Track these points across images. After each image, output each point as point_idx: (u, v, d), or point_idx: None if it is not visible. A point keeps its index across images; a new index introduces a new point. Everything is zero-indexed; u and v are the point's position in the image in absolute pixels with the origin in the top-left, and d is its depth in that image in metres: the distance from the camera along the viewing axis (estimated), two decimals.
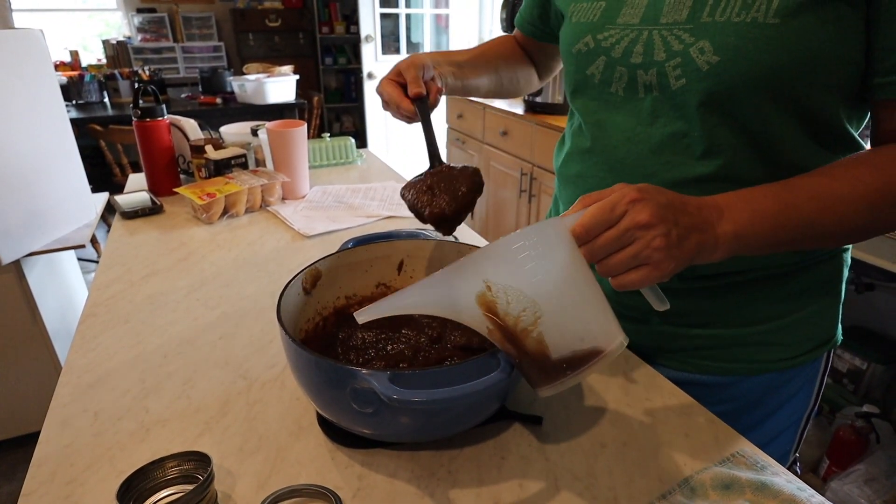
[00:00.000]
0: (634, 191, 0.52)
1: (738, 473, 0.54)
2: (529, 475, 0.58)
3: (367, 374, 0.50)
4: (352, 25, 5.82)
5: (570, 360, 0.50)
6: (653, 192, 0.53)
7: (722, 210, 0.57)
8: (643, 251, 0.51)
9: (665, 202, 0.53)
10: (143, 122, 1.34)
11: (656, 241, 0.51)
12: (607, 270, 0.53)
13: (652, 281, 0.53)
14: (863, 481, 1.66)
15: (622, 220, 0.51)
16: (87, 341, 0.81)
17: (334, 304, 0.76)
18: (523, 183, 2.77)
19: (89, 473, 0.58)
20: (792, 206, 0.58)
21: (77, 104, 4.02)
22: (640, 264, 0.52)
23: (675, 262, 0.53)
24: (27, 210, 1.73)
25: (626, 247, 0.52)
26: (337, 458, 0.60)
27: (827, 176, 0.60)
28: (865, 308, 1.98)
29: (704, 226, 0.55)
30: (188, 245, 1.14)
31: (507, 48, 1.02)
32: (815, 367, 0.80)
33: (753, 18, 0.58)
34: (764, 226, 0.57)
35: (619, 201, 0.52)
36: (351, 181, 1.57)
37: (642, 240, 0.51)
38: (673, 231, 0.52)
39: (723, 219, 0.56)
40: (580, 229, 0.52)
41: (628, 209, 0.51)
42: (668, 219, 0.52)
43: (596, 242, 0.52)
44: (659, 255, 0.51)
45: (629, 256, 0.52)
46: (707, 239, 0.55)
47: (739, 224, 0.56)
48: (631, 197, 0.51)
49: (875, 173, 0.59)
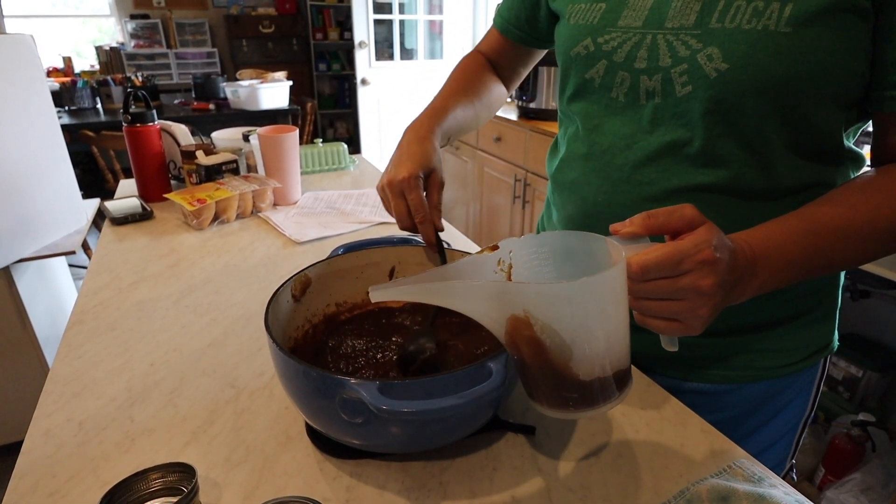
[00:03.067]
0: (710, 249, 0.48)
1: (735, 485, 0.53)
2: (522, 486, 0.57)
3: (356, 384, 0.49)
4: (345, 32, 5.83)
5: (588, 386, 0.48)
6: (722, 252, 0.50)
7: (756, 264, 0.55)
8: (685, 312, 0.50)
9: (727, 266, 0.50)
10: (134, 128, 1.33)
11: (703, 311, 0.50)
12: (642, 309, 0.51)
13: (677, 335, 0.52)
14: (859, 490, 1.65)
15: (684, 278, 0.48)
16: (74, 349, 0.80)
17: (324, 311, 0.75)
18: (517, 189, 2.77)
19: (72, 484, 0.57)
20: (816, 249, 0.58)
21: (69, 110, 4.00)
22: (674, 319, 0.51)
23: (706, 327, 0.51)
24: (17, 216, 1.71)
25: (673, 301, 0.50)
26: (325, 469, 0.59)
27: (847, 207, 0.59)
28: (861, 316, 1.98)
29: (740, 283, 0.53)
30: (178, 251, 1.13)
31: (476, 72, 0.96)
32: (812, 374, 0.80)
33: (765, 26, 0.57)
34: (787, 273, 0.57)
35: (689, 256, 0.48)
36: (343, 187, 1.56)
37: (691, 302, 0.49)
38: (720, 301, 0.51)
39: (755, 274, 0.55)
40: (638, 270, 0.48)
41: (694, 269, 0.48)
42: (726, 287, 0.50)
43: (646, 285, 0.49)
44: (698, 322, 0.50)
45: (670, 311, 0.50)
46: (737, 296, 0.54)
47: (767, 277, 0.56)
48: (703, 258, 0.48)
49: (892, 201, 0.59)
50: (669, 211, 0.50)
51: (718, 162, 0.65)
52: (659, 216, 0.50)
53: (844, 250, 0.59)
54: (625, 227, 0.51)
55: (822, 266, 0.59)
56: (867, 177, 0.63)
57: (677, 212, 0.50)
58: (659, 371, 0.79)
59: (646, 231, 0.50)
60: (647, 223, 0.50)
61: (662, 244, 0.49)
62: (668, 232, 0.51)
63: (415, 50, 4.92)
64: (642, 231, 0.50)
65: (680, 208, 0.50)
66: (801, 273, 0.58)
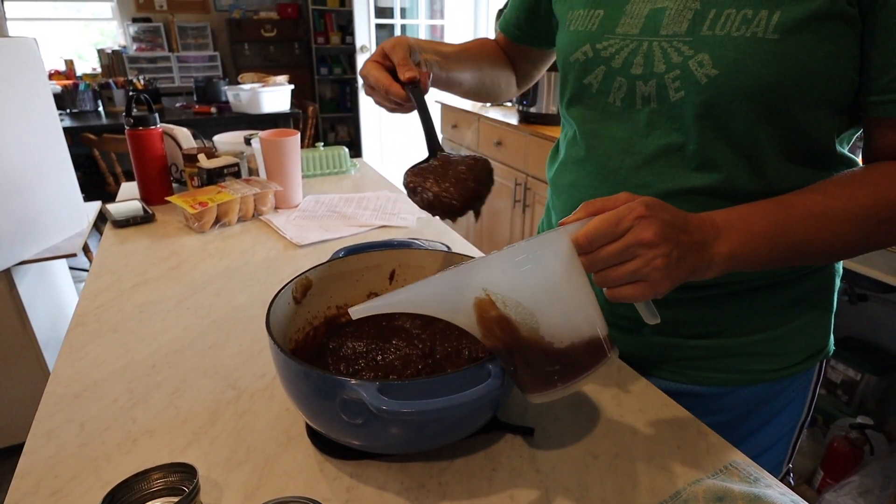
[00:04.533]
0: (641, 206, 0.52)
1: (731, 486, 0.54)
2: (520, 487, 0.57)
3: (357, 385, 0.49)
4: (347, 36, 5.84)
5: (566, 354, 0.51)
6: (658, 209, 0.53)
7: (719, 230, 0.57)
8: (643, 268, 0.52)
9: (669, 220, 0.53)
10: (136, 131, 1.34)
11: (657, 261, 0.51)
12: (604, 282, 0.54)
13: (646, 297, 0.54)
14: (857, 493, 1.65)
15: (626, 236, 0.51)
16: (75, 350, 0.80)
17: (325, 313, 0.75)
18: (517, 193, 2.77)
19: (74, 484, 0.57)
20: (786, 225, 0.59)
21: (71, 113, 4.01)
22: (638, 280, 0.53)
23: (671, 282, 0.53)
24: (18, 218, 1.72)
25: (627, 262, 0.52)
26: (326, 470, 0.59)
27: (822, 193, 0.61)
28: (859, 319, 1.99)
29: (702, 246, 0.55)
30: (179, 254, 1.13)
31: (491, 49, 1.00)
32: (808, 378, 0.80)
33: (753, 33, 0.58)
34: (758, 246, 0.58)
35: (625, 216, 0.51)
36: (344, 190, 1.57)
37: (643, 257, 0.51)
38: (674, 251, 0.52)
39: (719, 239, 0.57)
40: (583, 240, 0.52)
41: (633, 225, 0.51)
42: (671, 238, 0.52)
43: (597, 254, 0.52)
44: (658, 275, 0.52)
45: (628, 272, 0.52)
46: (703, 259, 0.56)
47: (734, 244, 0.57)
48: (638, 213, 0.51)
49: (869, 191, 0.60)
50: (606, 198, 0.54)
51: (712, 165, 0.66)
52: (597, 202, 0.54)
53: (816, 232, 0.60)
54: (570, 217, 0.54)
55: (796, 245, 0.60)
56: (848, 171, 0.65)
57: (613, 197, 0.54)
58: (655, 373, 0.79)
59: (587, 215, 0.54)
60: (587, 209, 0.54)
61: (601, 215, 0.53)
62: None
63: None
64: (584, 216, 0.54)
65: (616, 195, 0.54)
66: (774, 250, 0.59)
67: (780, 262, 0.61)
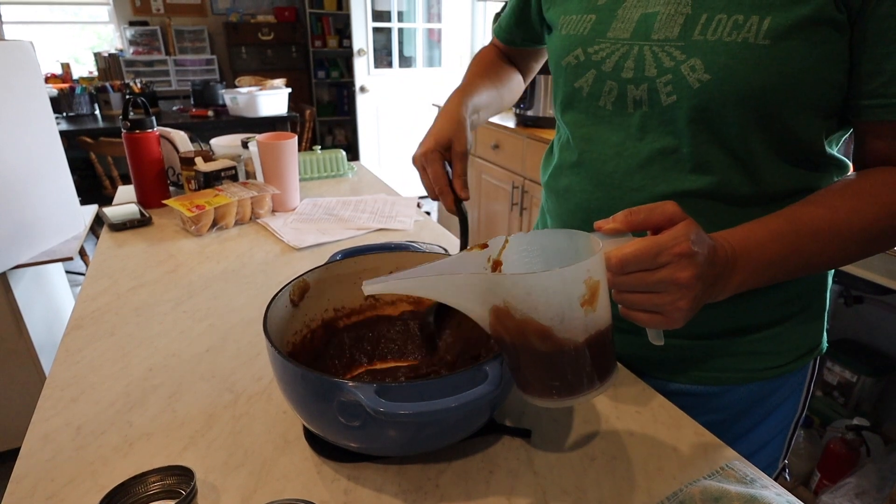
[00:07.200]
0: (687, 242, 0.50)
1: (727, 487, 0.54)
2: (518, 489, 0.57)
3: (354, 387, 0.49)
4: (344, 39, 5.84)
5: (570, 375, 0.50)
6: (700, 246, 0.51)
7: (736, 258, 0.56)
8: (666, 305, 0.51)
9: (704, 258, 0.51)
10: (133, 134, 1.33)
11: (682, 302, 0.51)
12: (623, 301, 0.53)
13: (659, 329, 0.53)
14: (854, 494, 1.66)
15: (662, 271, 0.50)
16: (72, 354, 0.80)
17: (322, 316, 0.75)
18: (514, 196, 2.78)
19: (70, 488, 0.57)
20: (796, 247, 0.59)
21: (68, 116, 4.00)
22: (657, 311, 0.52)
23: (687, 319, 0.53)
24: (14, 222, 1.71)
25: (653, 293, 0.51)
26: (323, 473, 0.59)
27: (827, 208, 0.61)
28: (855, 321, 1.99)
29: (719, 278, 0.55)
30: (176, 257, 1.13)
31: (496, 60, 1.02)
32: (802, 376, 0.80)
33: (744, 39, 0.59)
34: (767, 272, 0.59)
35: (666, 249, 0.49)
36: (342, 193, 1.57)
37: (671, 295, 0.51)
38: (700, 293, 0.52)
39: (735, 269, 0.56)
40: (617, 263, 0.50)
41: (672, 262, 0.50)
42: (704, 280, 0.51)
43: (626, 278, 0.51)
44: (678, 315, 0.52)
45: (651, 303, 0.52)
46: (717, 290, 0.56)
47: (746, 275, 0.57)
48: (680, 250, 0.49)
49: (871, 203, 0.60)
50: (651, 207, 0.52)
51: (705, 168, 0.66)
52: (640, 212, 0.52)
53: (823, 251, 0.60)
54: (608, 223, 0.52)
55: (801, 266, 0.60)
56: (847, 179, 0.65)
57: (658, 208, 0.52)
58: (650, 373, 0.80)
59: (628, 227, 0.52)
60: (628, 219, 0.52)
61: (641, 238, 0.51)
62: (649, 227, 0.53)
63: (413, 58, 4.94)
64: (624, 227, 0.52)
65: (661, 205, 0.52)
66: (780, 272, 0.60)
67: (783, 279, 0.61)
